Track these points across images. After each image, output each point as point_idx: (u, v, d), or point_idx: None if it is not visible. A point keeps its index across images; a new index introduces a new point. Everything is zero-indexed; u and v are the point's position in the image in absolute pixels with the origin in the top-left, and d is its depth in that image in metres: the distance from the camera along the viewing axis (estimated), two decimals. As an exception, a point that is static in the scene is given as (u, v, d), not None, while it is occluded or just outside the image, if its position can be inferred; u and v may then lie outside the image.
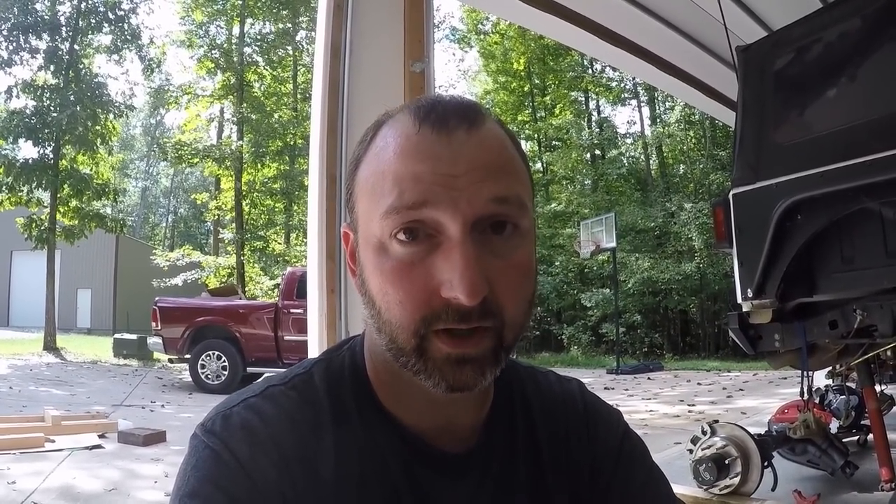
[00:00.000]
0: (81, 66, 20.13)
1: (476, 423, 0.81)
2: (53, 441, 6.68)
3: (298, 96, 26.57)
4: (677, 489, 3.64)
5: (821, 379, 5.39)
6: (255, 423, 0.71)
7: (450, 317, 0.65)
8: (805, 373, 3.77)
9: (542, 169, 29.26)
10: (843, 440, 4.18)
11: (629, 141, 29.10)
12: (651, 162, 28.50)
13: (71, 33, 20.13)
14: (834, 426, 4.62)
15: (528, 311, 0.71)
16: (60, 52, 19.82)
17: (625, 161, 27.87)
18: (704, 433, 3.73)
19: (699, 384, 13.02)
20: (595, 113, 30.48)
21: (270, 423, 0.72)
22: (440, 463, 0.77)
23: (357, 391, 0.78)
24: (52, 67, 19.45)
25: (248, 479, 0.68)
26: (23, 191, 18.24)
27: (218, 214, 26.82)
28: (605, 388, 12.53)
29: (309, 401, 0.75)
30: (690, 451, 3.80)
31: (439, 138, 0.68)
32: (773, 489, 3.53)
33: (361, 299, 0.74)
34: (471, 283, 0.63)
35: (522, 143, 31.65)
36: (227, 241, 26.22)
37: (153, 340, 12.96)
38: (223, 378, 12.03)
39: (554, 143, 29.53)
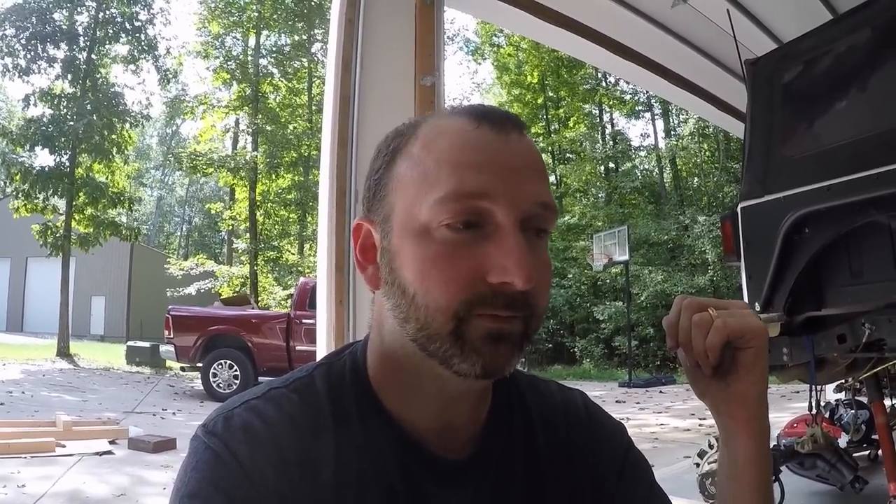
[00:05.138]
0: (98, 76, 20.32)
1: (475, 425, 0.81)
2: (64, 446, 6.72)
3: (313, 108, 26.54)
4: (684, 503, 3.64)
5: (832, 393, 5.36)
6: (256, 425, 0.71)
7: (497, 302, 0.68)
8: (813, 387, 3.75)
9: (555, 181, 29.18)
10: (854, 455, 4.14)
11: (643, 153, 28.88)
12: (665, 175, 28.32)
13: (88, 43, 20.34)
14: (843, 441, 4.58)
15: (546, 308, 0.75)
16: (78, 62, 20.00)
17: (638, 174, 27.72)
18: (711, 447, 3.71)
19: (711, 398, 12.88)
20: (609, 125, 30.33)
21: (271, 425, 0.72)
22: (439, 467, 0.77)
23: (358, 394, 0.78)
24: (69, 76, 19.63)
25: (248, 480, 0.68)
26: (39, 198, 18.41)
27: (232, 224, 27.00)
28: (617, 402, 12.46)
29: (310, 403, 0.76)
30: (697, 464, 3.79)
31: (498, 136, 0.71)
32: (779, 504, 3.51)
33: (383, 290, 0.75)
34: (528, 269, 0.67)
35: (536, 155, 31.73)
36: (240, 251, 26.31)
37: (166, 348, 13.01)
38: (235, 387, 11.99)
39: (568, 155, 29.43)
